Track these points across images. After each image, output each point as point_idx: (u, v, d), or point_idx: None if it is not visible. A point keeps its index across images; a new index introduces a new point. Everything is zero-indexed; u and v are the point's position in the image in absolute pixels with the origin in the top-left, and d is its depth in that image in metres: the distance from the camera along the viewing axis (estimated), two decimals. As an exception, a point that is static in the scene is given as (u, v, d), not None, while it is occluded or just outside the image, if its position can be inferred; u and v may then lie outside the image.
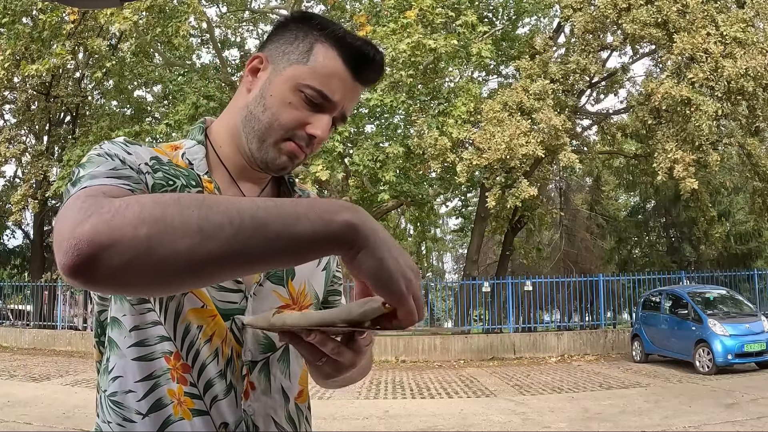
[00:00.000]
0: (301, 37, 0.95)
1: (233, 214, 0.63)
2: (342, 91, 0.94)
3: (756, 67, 12.69)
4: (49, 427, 6.37)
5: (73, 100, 17.10)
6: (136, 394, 0.86)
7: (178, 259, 0.62)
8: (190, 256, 0.62)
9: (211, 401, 0.88)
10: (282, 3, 18.88)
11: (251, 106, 0.96)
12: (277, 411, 0.96)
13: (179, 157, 0.96)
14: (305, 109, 0.93)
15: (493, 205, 14.23)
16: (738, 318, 11.39)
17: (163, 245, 0.61)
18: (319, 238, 0.66)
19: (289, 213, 0.65)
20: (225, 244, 0.63)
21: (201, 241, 0.62)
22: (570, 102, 15.38)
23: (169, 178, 0.91)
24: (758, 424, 6.49)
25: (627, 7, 13.86)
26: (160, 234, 0.61)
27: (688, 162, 13.28)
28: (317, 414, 7.58)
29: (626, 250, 24.82)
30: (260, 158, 0.96)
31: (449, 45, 13.14)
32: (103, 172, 0.80)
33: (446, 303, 20.79)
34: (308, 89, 0.92)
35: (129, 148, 0.89)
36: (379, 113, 17.33)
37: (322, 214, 0.66)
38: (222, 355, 0.90)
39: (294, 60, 0.94)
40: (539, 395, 9.24)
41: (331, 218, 0.66)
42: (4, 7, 14.51)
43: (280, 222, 0.64)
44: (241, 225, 0.63)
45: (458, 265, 33.60)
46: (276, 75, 0.95)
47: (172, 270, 0.63)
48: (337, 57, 0.93)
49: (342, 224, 0.66)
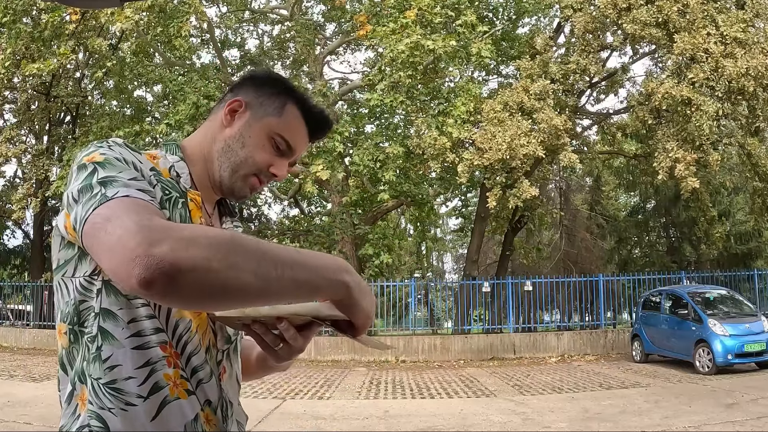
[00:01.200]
0: (276, 94, 1.16)
1: (278, 265, 0.83)
2: (301, 145, 1.18)
3: (756, 66, 12.68)
4: (49, 427, 6.37)
5: (73, 99, 17.09)
6: (137, 379, 0.96)
7: (235, 292, 0.81)
8: (245, 290, 0.81)
9: (197, 383, 1.02)
10: (282, 3, 18.88)
11: (230, 141, 1.14)
12: (235, 394, 1.14)
13: (161, 166, 1.09)
14: (273, 153, 1.15)
15: (494, 205, 14.22)
16: (738, 318, 11.39)
17: (228, 280, 0.78)
18: (322, 291, 0.90)
19: (311, 271, 0.88)
20: (268, 287, 0.83)
21: (254, 282, 0.81)
22: (570, 102, 15.37)
23: (166, 189, 1.04)
24: (758, 424, 6.49)
25: (627, 7, 13.86)
26: (227, 270, 0.78)
27: (689, 161, 13.27)
28: (317, 414, 7.51)
29: (626, 250, 24.82)
30: (228, 185, 1.14)
31: (448, 45, 13.13)
32: (134, 184, 0.91)
33: (446, 303, 20.80)
34: (279, 138, 1.14)
35: (136, 155, 1.01)
36: (379, 113, 17.34)
37: (328, 274, 0.90)
38: (202, 344, 1.04)
39: (270, 112, 1.15)
40: (539, 395, 9.24)
41: (335, 277, 0.90)
42: (5, 7, 14.50)
43: (305, 277, 0.86)
44: (281, 276, 0.83)
45: (458, 265, 33.61)
46: (255, 121, 1.14)
47: (226, 297, 0.81)
48: (299, 118, 1.17)
49: (341, 284, 0.91)
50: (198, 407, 1.01)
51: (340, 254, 17.24)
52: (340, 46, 19.41)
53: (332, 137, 14.11)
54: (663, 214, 23.71)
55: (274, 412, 7.82)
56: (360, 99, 17.72)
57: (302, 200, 21.36)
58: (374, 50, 17.02)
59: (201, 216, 1.10)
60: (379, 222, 20.64)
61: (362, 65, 31.10)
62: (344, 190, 15.85)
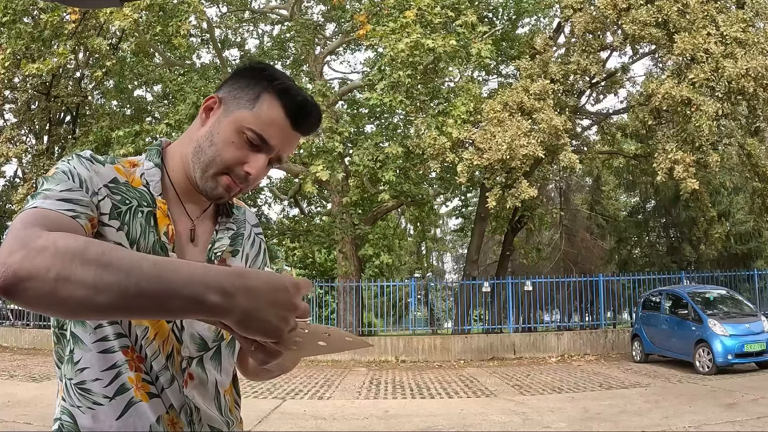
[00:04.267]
0: (252, 86, 1.09)
1: (122, 278, 0.76)
2: (280, 137, 1.08)
3: (756, 67, 12.68)
4: (48, 427, 6.37)
5: (73, 99, 17.09)
6: (103, 381, 1.02)
7: (76, 303, 0.77)
8: (84, 303, 0.76)
9: (161, 388, 1.05)
10: (282, 3, 18.88)
11: (201, 140, 1.10)
12: (209, 400, 1.12)
13: (136, 174, 1.10)
14: (245, 148, 1.07)
15: (494, 206, 14.22)
16: (738, 318, 11.39)
17: (65, 289, 0.76)
18: (190, 312, 0.80)
19: (164, 289, 0.77)
20: (112, 300, 0.76)
21: (94, 294, 0.76)
22: (570, 102, 15.37)
23: (125, 198, 1.06)
24: (758, 424, 6.49)
25: (627, 8, 13.85)
26: (65, 281, 0.75)
27: (688, 162, 13.27)
28: (317, 414, 7.50)
29: (626, 250, 24.81)
30: (201, 186, 1.11)
31: (448, 45, 13.13)
32: (57, 194, 0.94)
33: (446, 303, 20.80)
34: (249, 132, 1.06)
35: (93, 167, 1.04)
36: (379, 113, 17.33)
37: (194, 294, 0.77)
38: (163, 351, 1.06)
39: (242, 105, 1.08)
40: (539, 395, 9.24)
41: (202, 300, 0.77)
42: (5, 7, 14.50)
43: (153, 296, 0.77)
44: (126, 290, 0.76)
45: (458, 265, 33.61)
46: (225, 116, 1.09)
47: (72, 309, 0.78)
48: (279, 108, 1.07)
49: (211, 305, 0.78)
50: (161, 410, 1.04)
51: (340, 254, 17.26)
52: (340, 46, 19.40)
53: (332, 137, 14.11)
54: (663, 214, 23.71)
55: (274, 412, 7.82)
56: (360, 99, 17.71)
57: (302, 200, 21.36)
58: (374, 50, 17.02)
59: (168, 224, 1.09)
60: (379, 222, 20.64)
61: (362, 65, 31.15)
62: (344, 190, 15.84)
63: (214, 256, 1.15)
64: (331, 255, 22.61)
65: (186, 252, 1.12)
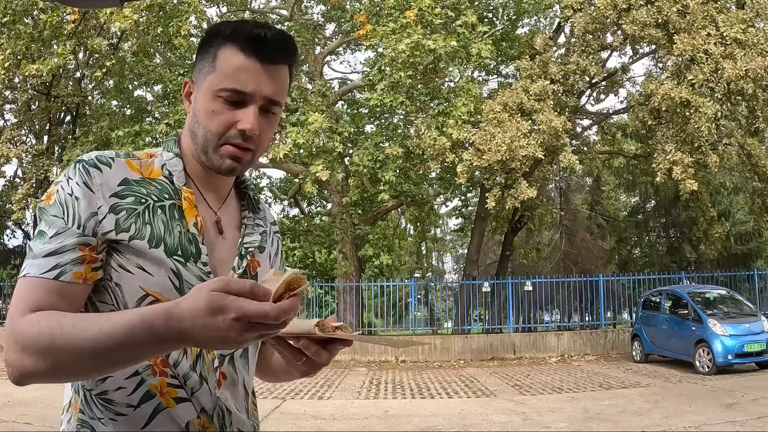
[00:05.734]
0: (210, 50, 1.05)
1: (94, 358, 0.87)
2: (254, 79, 1.01)
3: (756, 68, 12.68)
4: (49, 427, 6.37)
5: (73, 99, 17.08)
6: (126, 389, 0.99)
7: (75, 376, 0.95)
8: (82, 373, 0.92)
9: (191, 391, 1.02)
10: (282, 3, 18.88)
11: (191, 126, 1.08)
12: (240, 402, 1.10)
13: (155, 165, 1.07)
14: (228, 110, 1.02)
15: (493, 206, 14.22)
16: (738, 318, 11.39)
17: (62, 374, 0.90)
18: (142, 357, 0.93)
19: (125, 355, 0.87)
20: (98, 367, 0.89)
21: (81, 368, 0.89)
22: (571, 102, 15.37)
23: (140, 198, 1.02)
24: (758, 424, 6.49)
25: (627, 8, 13.85)
26: (55, 370, 0.88)
27: (686, 164, 13.27)
28: (317, 414, 7.50)
29: (626, 250, 24.81)
30: (211, 167, 1.07)
31: (448, 46, 13.13)
32: (45, 248, 0.96)
33: (446, 303, 20.80)
34: (222, 92, 1.01)
35: (97, 179, 1.00)
36: (379, 113, 17.33)
37: (142, 351, 0.87)
38: (191, 352, 1.02)
39: (206, 72, 1.04)
40: (539, 395, 9.24)
41: (151, 347, 0.86)
42: (4, 7, 14.49)
43: (120, 355, 0.87)
44: (101, 365, 0.89)
45: (458, 265, 33.61)
46: (199, 92, 1.06)
47: (71, 379, 0.97)
48: (237, 51, 1.01)
49: (168, 348, 0.92)
50: (191, 414, 1.01)
51: (340, 254, 17.26)
52: (340, 46, 19.41)
53: (332, 137, 14.10)
54: (663, 214, 23.71)
55: (274, 412, 7.82)
56: (360, 99, 17.71)
57: (302, 200, 21.36)
58: (374, 50, 17.02)
59: (196, 214, 1.06)
60: (379, 222, 20.64)
61: (362, 65, 31.13)
62: (344, 190, 15.84)
63: (245, 251, 1.11)
64: (331, 255, 22.60)
65: (216, 245, 1.08)
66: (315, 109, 14.18)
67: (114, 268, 0.99)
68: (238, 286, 0.80)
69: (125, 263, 0.99)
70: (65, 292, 0.95)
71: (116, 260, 0.99)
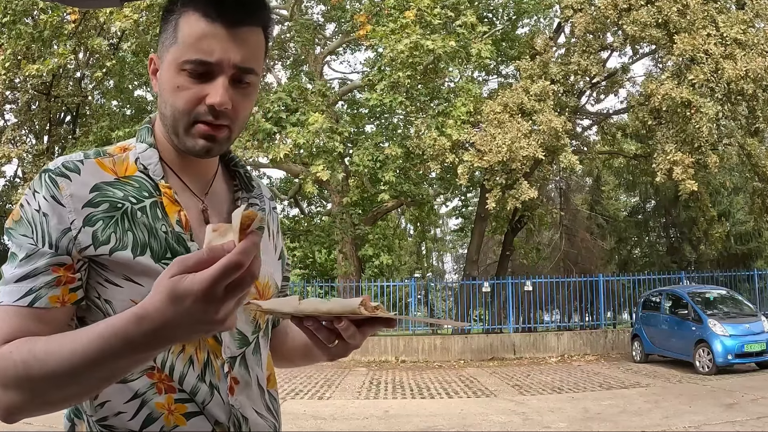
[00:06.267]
0: (171, 19, 0.94)
1: (68, 379, 0.79)
2: (218, 46, 0.90)
3: (756, 69, 12.68)
4: (49, 426, 6.36)
5: (73, 99, 17.09)
6: (127, 414, 0.91)
7: (64, 403, 0.86)
8: (72, 398, 0.85)
9: (202, 404, 0.94)
10: (282, 3, 18.87)
11: (159, 106, 0.97)
12: (257, 402, 1.01)
13: (129, 160, 0.97)
14: (195, 85, 0.91)
15: (493, 207, 14.23)
16: (738, 318, 11.39)
17: (49, 403, 0.82)
18: (140, 365, 0.84)
19: (106, 373, 0.79)
20: (87, 388, 0.82)
21: (69, 393, 0.81)
22: (571, 103, 15.37)
23: (116, 203, 0.92)
24: (758, 424, 6.49)
25: (627, 8, 13.85)
26: (42, 402, 0.81)
27: (687, 164, 13.28)
28: (317, 414, 7.50)
29: (626, 250, 24.81)
30: (185, 150, 0.96)
31: (448, 46, 13.14)
32: (15, 273, 0.88)
33: (446, 303, 20.79)
34: (186, 65, 0.90)
35: (64, 190, 0.90)
36: (379, 113, 17.33)
37: (124, 358, 0.77)
38: (198, 361, 0.94)
39: (168, 44, 0.93)
40: (539, 395, 9.24)
41: (132, 351, 0.76)
42: (5, 7, 14.50)
43: (104, 375, 0.80)
44: (86, 381, 0.80)
45: (458, 265, 33.61)
46: (163, 68, 0.95)
47: (61, 407, 0.87)
48: (198, 18, 0.90)
49: (148, 358, 0.82)
50: (206, 428, 0.93)
51: (340, 254, 17.26)
52: (340, 46, 19.41)
53: (332, 137, 14.11)
54: (663, 214, 23.70)
55: (274, 412, 7.81)
56: (360, 99, 17.72)
57: (302, 200, 21.37)
58: (374, 50, 17.02)
59: (179, 210, 0.96)
60: (379, 222, 20.64)
61: (362, 65, 31.12)
62: (344, 190, 15.85)
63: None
64: (331, 255, 22.60)
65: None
66: (315, 109, 14.18)
67: (100, 283, 0.91)
68: (194, 258, 0.69)
69: (112, 277, 0.91)
70: (42, 317, 0.86)
71: (101, 275, 0.91)
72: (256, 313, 1.01)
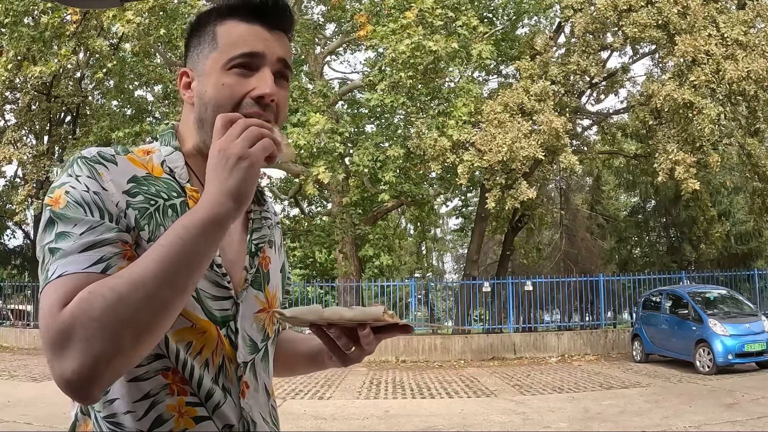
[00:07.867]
0: (205, 33, 0.98)
1: (165, 282, 0.79)
2: (263, 42, 0.95)
3: (757, 69, 12.68)
4: (49, 426, 6.37)
5: (73, 100, 17.10)
6: (136, 414, 0.89)
7: (157, 331, 0.80)
8: (165, 321, 0.81)
9: (214, 408, 0.94)
10: (282, 3, 18.87)
11: (198, 113, 0.98)
12: (263, 407, 1.03)
13: (154, 162, 0.98)
14: (242, 80, 0.94)
15: (493, 206, 14.23)
16: (738, 318, 11.39)
17: (133, 323, 0.77)
18: (204, 252, 0.83)
19: (189, 270, 0.81)
20: (177, 299, 0.81)
21: (162, 309, 0.79)
22: (571, 103, 15.37)
23: (150, 199, 0.92)
24: (758, 424, 6.49)
25: (627, 9, 13.85)
26: (122, 331, 0.76)
27: (689, 163, 13.28)
28: (317, 414, 7.50)
29: (626, 250, 24.82)
30: None
31: (449, 47, 13.14)
32: (78, 244, 0.83)
33: (446, 303, 20.80)
34: (233, 60, 0.94)
35: (105, 175, 0.89)
36: (379, 113, 17.34)
37: (199, 240, 0.82)
38: (213, 364, 0.94)
39: (207, 53, 0.97)
40: (539, 395, 9.24)
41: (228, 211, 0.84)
42: (5, 8, 14.50)
43: (185, 276, 0.81)
44: (179, 285, 0.81)
45: (458, 265, 33.60)
46: (202, 76, 0.97)
47: (154, 339, 0.81)
48: (237, 23, 0.96)
49: (231, 210, 0.85)
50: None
51: (340, 254, 17.26)
52: (340, 46, 19.41)
53: (333, 137, 14.11)
54: (663, 214, 23.71)
55: (274, 412, 7.81)
56: (360, 99, 17.72)
57: (302, 200, 21.37)
58: (374, 50, 17.03)
59: None
60: (379, 222, 20.65)
61: (362, 65, 31.14)
62: (344, 190, 15.85)
63: (255, 248, 1.03)
64: (332, 255, 22.61)
65: (225, 244, 0.98)
66: (315, 109, 14.18)
67: None
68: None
69: None
70: None
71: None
72: (264, 321, 1.04)
